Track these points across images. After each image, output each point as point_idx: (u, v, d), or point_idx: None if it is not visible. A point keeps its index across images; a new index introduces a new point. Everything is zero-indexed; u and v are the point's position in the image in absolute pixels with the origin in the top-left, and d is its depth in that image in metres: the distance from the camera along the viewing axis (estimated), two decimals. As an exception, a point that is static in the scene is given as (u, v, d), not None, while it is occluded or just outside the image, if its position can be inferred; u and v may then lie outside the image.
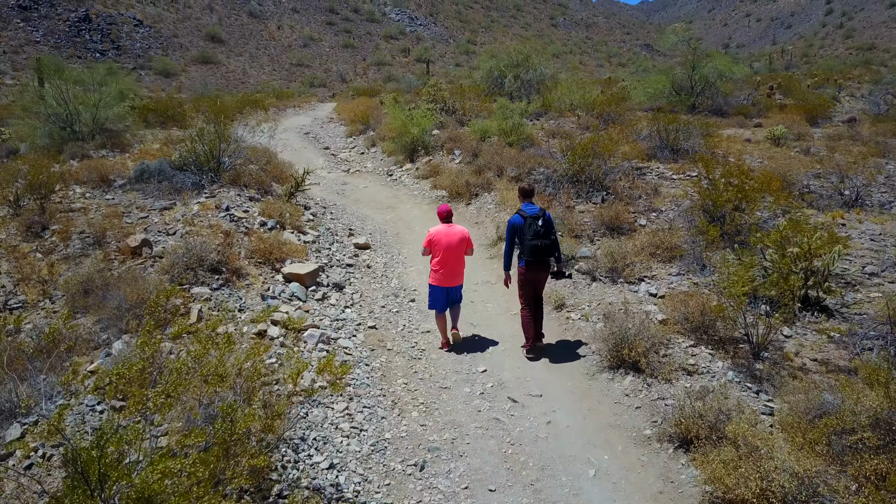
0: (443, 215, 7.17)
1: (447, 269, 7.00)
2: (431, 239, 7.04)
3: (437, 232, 7.04)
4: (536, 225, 6.62)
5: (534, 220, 6.65)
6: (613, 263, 8.42)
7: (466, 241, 7.12)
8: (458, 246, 7.02)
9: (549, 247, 6.69)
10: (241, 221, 9.59)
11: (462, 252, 7.10)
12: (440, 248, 6.98)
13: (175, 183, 10.96)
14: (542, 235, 6.63)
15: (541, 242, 6.61)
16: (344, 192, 14.56)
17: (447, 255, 6.97)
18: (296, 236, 9.73)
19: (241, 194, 10.75)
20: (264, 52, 61.27)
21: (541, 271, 6.84)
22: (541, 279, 6.93)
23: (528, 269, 6.79)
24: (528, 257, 6.69)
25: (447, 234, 7.00)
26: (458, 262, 7.08)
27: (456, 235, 7.02)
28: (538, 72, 25.26)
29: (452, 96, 21.15)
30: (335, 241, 10.43)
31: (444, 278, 7.02)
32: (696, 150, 13.71)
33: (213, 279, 7.69)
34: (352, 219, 12.29)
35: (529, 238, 6.62)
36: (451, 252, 6.99)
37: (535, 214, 6.70)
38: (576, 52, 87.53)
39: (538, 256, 6.67)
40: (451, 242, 6.98)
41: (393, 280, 9.19)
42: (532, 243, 6.61)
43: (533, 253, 6.63)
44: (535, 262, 6.73)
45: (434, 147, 16.25)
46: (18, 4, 52.43)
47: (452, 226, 7.13)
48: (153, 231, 9.19)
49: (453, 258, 7.01)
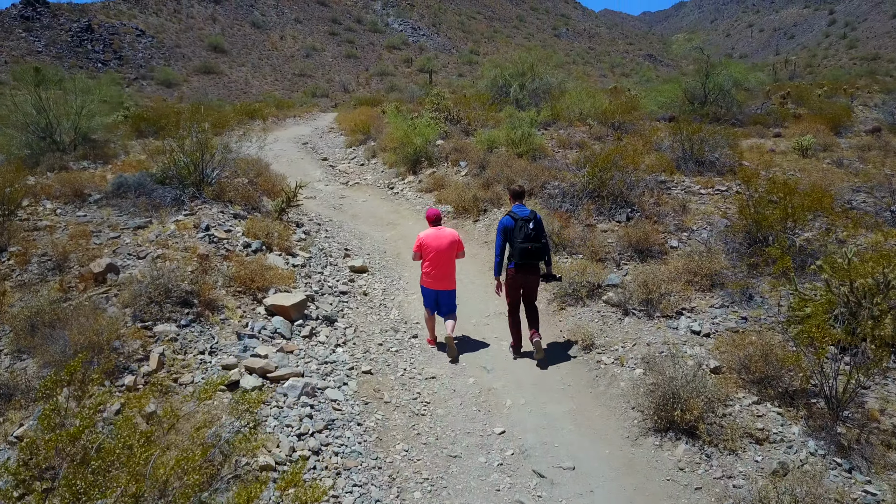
0: (431, 219, 7.04)
1: (436, 272, 6.86)
2: (421, 243, 6.90)
3: (426, 236, 6.90)
4: (527, 227, 6.42)
5: (525, 222, 6.45)
6: (648, 294, 7.20)
7: (456, 245, 6.94)
8: (447, 249, 6.85)
9: (539, 250, 6.50)
10: (222, 243, 8.40)
11: (452, 255, 6.93)
12: (429, 252, 6.84)
13: (154, 198, 9.78)
14: (533, 238, 6.43)
15: (531, 245, 6.42)
16: (341, 207, 13.38)
17: (437, 259, 6.83)
18: (283, 259, 8.54)
19: (226, 211, 9.57)
20: (267, 62, 60.42)
21: (530, 274, 6.64)
22: (530, 282, 6.71)
23: (517, 272, 6.59)
24: (518, 260, 6.48)
25: (436, 237, 6.86)
26: (447, 265, 6.91)
27: (445, 239, 6.86)
28: (544, 81, 24.16)
29: (457, 105, 20.02)
30: (328, 264, 9.23)
31: (434, 281, 6.89)
32: (723, 161, 12.51)
33: (182, 314, 6.50)
34: (348, 237, 11.10)
35: (520, 241, 6.42)
36: (441, 255, 6.83)
37: (526, 217, 6.49)
38: (578, 63, 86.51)
39: (528, 259, 6.48)
40: (441, 246, 6.82)
41: (392, 310, 7.98)
42: (522, 246, 6.40)
43: (523, 256, 6.43)
44: (524, 265, 6.54)
45: (438, 158, 15.08)
46: (21, 14, 51.70)
47: (442, 229, 6.98)
48: (122, 254, 8.01)
49: (443, 261, 6.86)
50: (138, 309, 6.38)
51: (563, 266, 8.50)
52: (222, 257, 8.05)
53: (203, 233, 8.43)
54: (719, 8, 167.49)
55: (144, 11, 59.95)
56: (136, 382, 5.38)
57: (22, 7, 51.47)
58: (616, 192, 10.06)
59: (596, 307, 7.40)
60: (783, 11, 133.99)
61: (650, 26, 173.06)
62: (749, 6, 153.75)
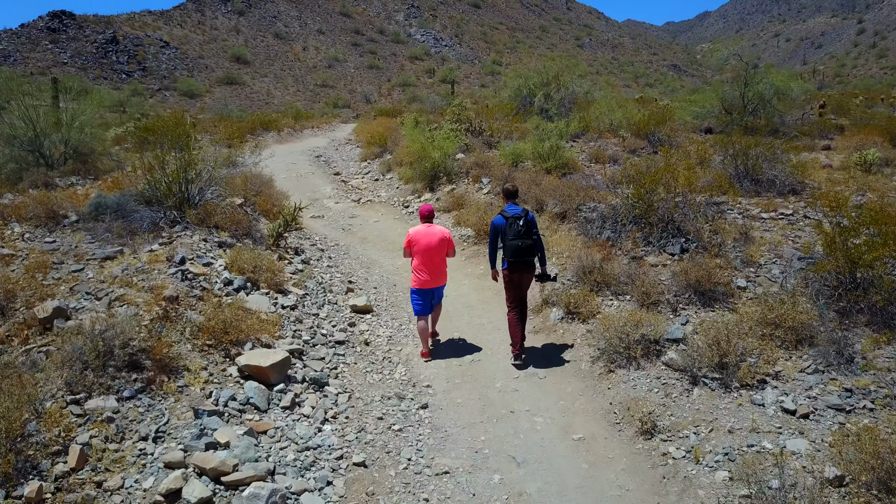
0: (424, 215, 6.92)
1: (428, 270, 6.69)
2: (411, 239, 6.75)
3: (416, 232, 6.75)
4: (518, 225, 6.37)
5: (515, 220, 6.40)
6: (721, 356, 5.56)
7: (447, 242, 6.82)
8: (438, 246, 6.72)
9: (530, 247, 6.42)
10: (198, 280, 6.93)
11: (443, 252, 6.80)
12: (420, 249, 6.68)
13: (131, 222, 8.41)
14: (524, 235, 6.38)
15: (521, 242, 6.36)
16: (350, 228, 11.90)
17: (427, 256, 6.68)
18: (270, 300, 7.05)
19: (209, 239, 8.12)
20: (289, 73, 59.64)
21: (524, 272, 6.53)
22: (524, 280, 6.60)
23: (512, 270, 6.51)
24: (510, 257, 6.42)
25: (426, 234, 6.71)
26: (439, 263, 6.79)
27: (436, 236, 6.72)
28: (570, 90, 22.55)
29: (479, 116, 18.51)
30: (326, 303, 7.73)
31: (429, 278, 6.71)
32: (783, 180, 10.78)
33: (129, 380, 5.03)
34: (354, 265, 9.60)
35: (510, 238, 6.36)
36: (432, 252, 6.68)
37: (517, 215, 6.45)
38: (602, 73, 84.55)
39: (519, 257, 6.39)
40: (431, 243, 6.68)
41: (398, 367, 6.42)
42: (513, 243, 6.35)
43: (514, 253, 6.37)
44: (517, 263, 6.46)
45: (458, 174, 13.56)
46: (47, 26, 51.55)
47: (432, 226, 6.83)
48: (80, 293, 6.60)
49: (434, 258, 6.72)
50: (72, 375, 4.93)
51: (609, 312, 6.90)
52: (196, 298, 6.59)
53: (176, 267, 6.98)
54: (744, 18, 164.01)
55: (169, 23, 59.56)
56: (41, 492, 3.90)
57: (49, 19, 51.30)
58: (666, 217, 8.42)
59: (654, 371, 5.77)
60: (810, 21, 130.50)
61: (674, 36, 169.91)
62: (775, 16, 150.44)
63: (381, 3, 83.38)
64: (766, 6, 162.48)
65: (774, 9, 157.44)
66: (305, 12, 73.22)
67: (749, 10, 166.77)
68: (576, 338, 6.67)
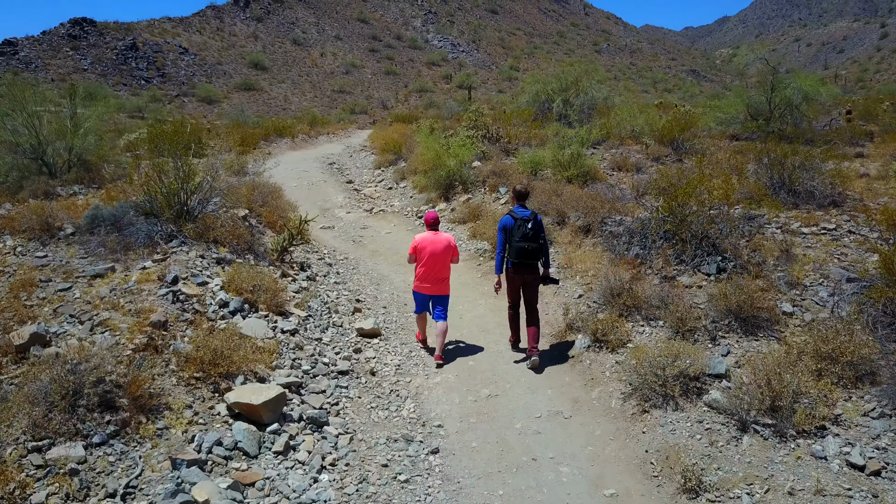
0: (429, 222, 6.88)
1: (431, 275, 6.68)
2: (416, 246, 6.74)
3: (422, 239, 6.75)
4: (526, 227, 6.38)
5: (524, 222, 6.41)
6: (773, 398, 4.84)
7: (452, 249, 6.80)
8: (443, 253, 6.70)
9: (535, 250, 6.43)
10: (191, 302, 6.34)
11: (447, 259, 6.77)
12: (424, 255, 6.67)
13: (127, 235, 7.86)
14: (531, 238, 6.39)
15: (528, 245, 6.37)
16: (361, 241, 11.29)
17: (431, 262, 6.66)
18: (269, 324, 6.43)
19: (207, 255, 7.53)
20: (306, 79, 59.41)
21: (527, 273, 6.53)
22: (528, 282, 6.59)
23: (515, 272, 6.52)
24: (514, 259, 6.43)
25: (433, 241, 6.70)
26: (442, 269, 6.74)
27: (441, 243, 6.71)
28: (589, 95, 21.83)
29: (496, 122, 17.84)
30: (331, 325, 7.10)
31: (430, 285, 6.71)
32: (822, 191, 9.98)
33: (101, 422, 4.44)
34: (363, 282, 8.98)
35: (517, 240, 6.38)
36: (436, 259, 6.67)
37: (525, 217, 6.45)
38: (620, 78, 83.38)
39: (524, 259, 6.41)
40: (436, 249, 6.67)
41: (407, 402, 5.76)
42: (519, 245, 6.37)
43: (519, 255, 6.38)
44: (520, 265, 6.46)
45: (474, 183, 12.90)
46: (68, 33, 51.79)
47: (438, 233, 6.81)
48: (64, 315, 6.06)
49: (438, 265, 6.69)
50: (38, 415, 4.35)
51: (641, 340, 6.19)
52: (186, 323, 6.00)
53: (167, 288, 6.39)
54: (764, 23, 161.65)
55: (188, 30, 59.66)
56: (-18, 567, 3.31)
57: (70, 26, 51.58)
58: (700, 233, 7.69)
59: (695, 413, 5.05)
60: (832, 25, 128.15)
61: (692, 41, 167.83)
62: (795, 20, 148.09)
63: (399, 10, 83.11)
64: (787, 11, 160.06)
65: (795, 13, 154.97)
66: (323, 18, 73.12)
67: (769, 14, 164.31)
68: (604, 370, 5.97)
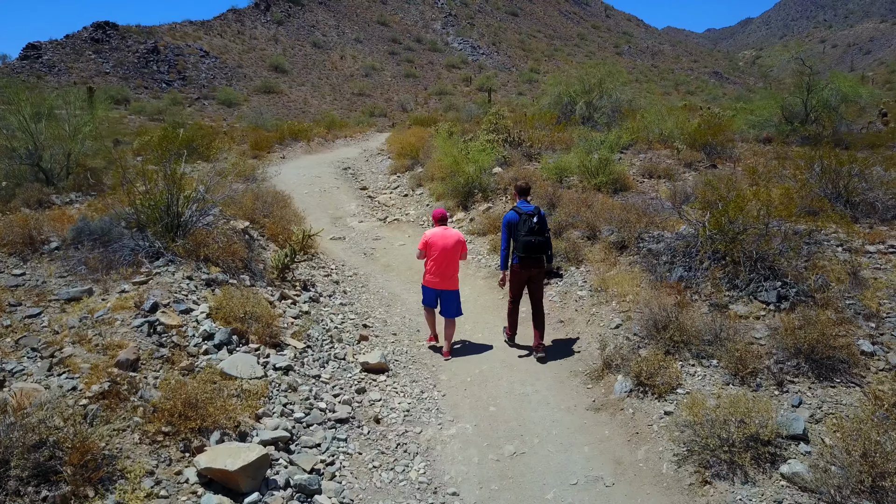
0: (437, 218, 6.90)
1: (440, 270, 6.68)
2: (427, 241, 6.71)
3: (433, 234, 6.73)
4: (531, 221, 6.31)
5: (529, 216, 6.33)
6: (875, 476, 3.81)
7: (461, 245, 6.77)
8: (452, 248, 6.68)
9: (542, 244, 6.37)
10: (169, 334, 5.46)
11: (457, 255, 6.75)
12: (435, 250, 6.67)
13: (111, 251, 7.04)
14: (537, 232, 6.32)
15: (534, 239, 6.30)
16: (373, 253, 10.38)
17: (441, 257, 6.66)
18: (259, 360, 5.52)
19: (195, 276, 6.65)
20: (326, 82, 58.85)
21: (533, 268, 6.47)
22: (534, 276, 6.53)
23: (522, 267, 6.46)
24: (521, 253, 6.35)
25: (443, 236, 6.68)
26: (451, 264, 6.72)
27: (451, 238, 6.69)
28: (613, 98, 20.75)
29: (517, 125, 16.85)
30: (332, 358, 6.17)
31: (439, 280, 6.70)
32: (885, 202, 8.85)
33: (36, 499, 3.56)
34: (372, 302, 8.06)
35: (524, 234, 6.29)
36: (446, 254, 6.65)
37: (530, 212, 6.37)
38: (642, 81, 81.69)
39: (531, 253, 6.34)
40: (447, 245, 6.65)
41: (416, 461, 4.79)
42: (526, 239, 6.29)
43: (526, 249, 6.31)
44: (527, 259, 6.41)
45: (495, 190, 11.93)
46: (91, 37, 51.79)
47: (448, 229, 6.81)
48: (26, 348, 5.22)
49: (447, 260, 6.68)
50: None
51: (694, 385, 5.17)
52: (162, 360, 5.11)
53: (143, 318, 5.51)
54: (788, 24, 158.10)
55: (209, 33, 59.44)
56: None
57: (93, 30, 51.59)
58: (755, 254, 6.63)
59: (771, 489, 4.03)
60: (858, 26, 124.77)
61: (715, 43, 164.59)
62: (820, 21, 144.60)
63: (419, 12, 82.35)
64: (811, 12, 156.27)
65: (820, 14, 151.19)
66: (343, 21, 72.62)
67: (793, 15, 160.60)
68: (651, 422, 4.96)
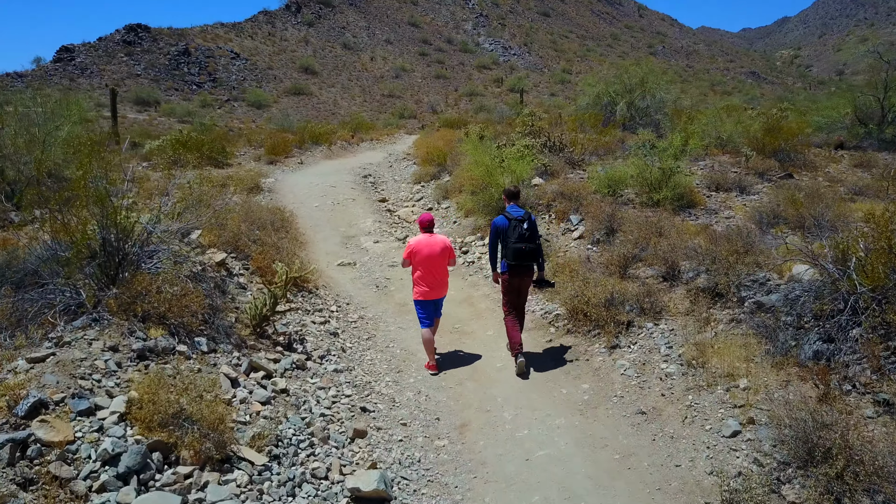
0: (424, 224, 6.30)
1: (430, 280, 6.09)
2: (412, 250, 6.12)
3: (417, 242, 6.13)
4: (521, 227, 5.90)
5: (519, 222, 5.93)
6: None
7: (448, 251, 6.21)
8: (439, 255, 6.12)
9: (533, 251, 5.96)
10: (48, 458, 3.43)
11: (444, 262, 6.21)
12: (421, 259, 6.06)
13: (27, 300, 5.09)
14: (527, 239, 5.90)
15: (525, 246, 5.87)
16: (387, 286, 8.30)
17: (429, 266, 6.09)
18: (181, 500, 3.46)
19: (123, 344, 4.61)
20: (356, 83, 57.15)
21: (525, 276, 6.08)
22: (525, 284, 6.14)
23: (512, 275, 6.00)
24: (512, 261, 5.91)
25: (428, 243, 6.10)
26: (440, 272, 6.18)
27: (437, 245, 6.13)
28: (657, 98, 18.23)
29: (556, 127, 14.61)
30: (308, 477, 4.06)
31: (432, 290, 6.10)
32: None
33: None
34: (379, 366, 5.96)
35: (514, 241, 5.87)
36: (433, 262, 6.09)
37: (520, 217, 5.97)
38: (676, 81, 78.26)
39: (522, 261, 5.91)
40: (433, 252, 6.07)
41: None
42: (516, 246, 5.85)
43: (517, 256, 5.87)
44: (518, 267, 5.96)
45: (535, 207, 9.72)
46: (123, 39, 51.03)
47: (433, 235, 6.23)
48: None
49: (435, 268, 6.13)
50: None
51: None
52: (21, 512, 3.08)
53: (8, 434, 3.48)
54: (827, 23, 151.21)
55: (240, 35, 58.28)
56: None
57: (125, 32, 50.85)
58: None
59: None
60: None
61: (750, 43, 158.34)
62: (861, 20, 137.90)
63: (450, 13, 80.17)
64: (851, 10, 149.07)
65: (860, 12, 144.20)
66: (374, 23, 70.90)
67: (832, 14, 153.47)
68: None
